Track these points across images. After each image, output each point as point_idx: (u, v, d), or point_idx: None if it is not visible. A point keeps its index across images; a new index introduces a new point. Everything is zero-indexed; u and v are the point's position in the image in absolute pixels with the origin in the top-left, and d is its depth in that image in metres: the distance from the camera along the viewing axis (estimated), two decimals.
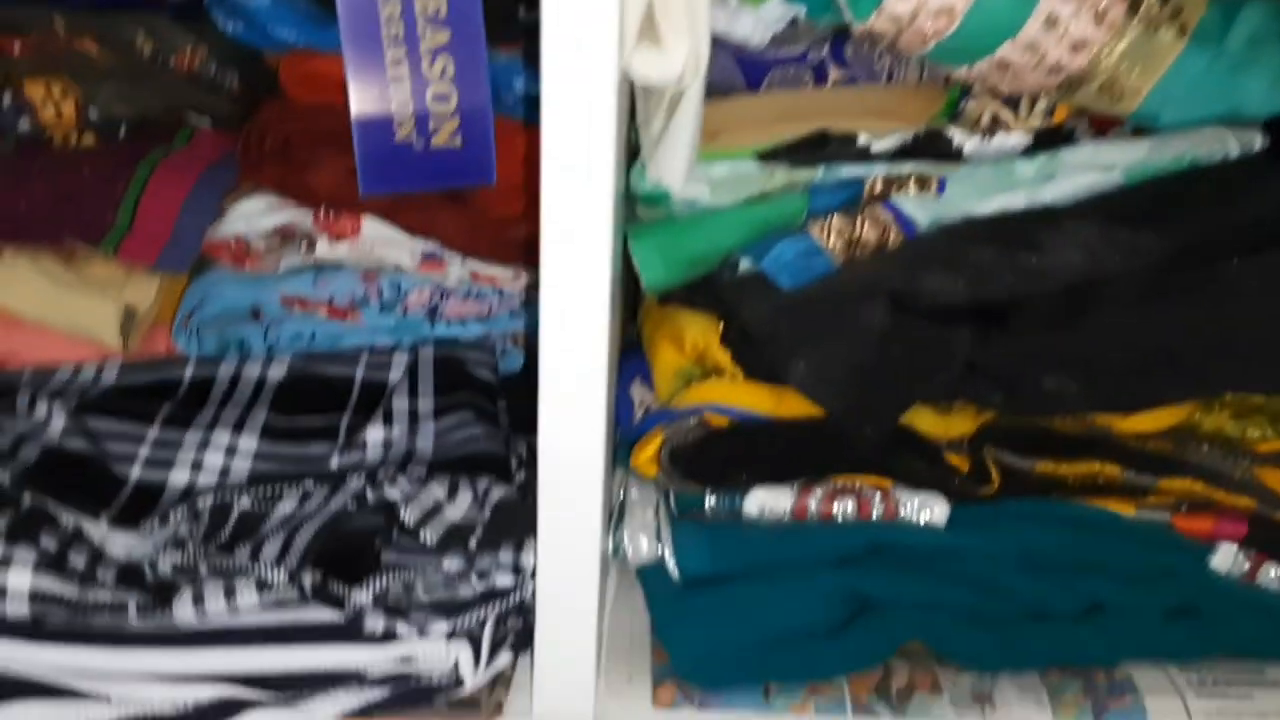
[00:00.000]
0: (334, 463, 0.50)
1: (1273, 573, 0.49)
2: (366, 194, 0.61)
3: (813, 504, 0.51)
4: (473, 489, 0.47)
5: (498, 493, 0.46)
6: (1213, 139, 0.48)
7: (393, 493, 0.45)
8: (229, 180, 0.64)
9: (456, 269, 0.64)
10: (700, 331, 0.53)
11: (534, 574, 0.41)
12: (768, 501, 0.52)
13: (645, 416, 0.55)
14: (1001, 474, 0.52)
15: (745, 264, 0.50)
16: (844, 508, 0.51)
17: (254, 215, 0.64)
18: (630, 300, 0.61)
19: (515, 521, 0.45)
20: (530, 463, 0.49)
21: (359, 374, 0.58)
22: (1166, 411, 0.51)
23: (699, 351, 0.53)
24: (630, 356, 0.58)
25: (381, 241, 0.64)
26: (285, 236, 0.66)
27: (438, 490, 0.47)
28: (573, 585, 0.41)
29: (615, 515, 0.55)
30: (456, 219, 0.64)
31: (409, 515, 0.44)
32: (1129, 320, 0.47)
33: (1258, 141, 0.49)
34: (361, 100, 0.59)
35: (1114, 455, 0.51)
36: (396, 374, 0.57)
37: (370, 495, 0.46)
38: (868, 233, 0.49)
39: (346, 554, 0.43)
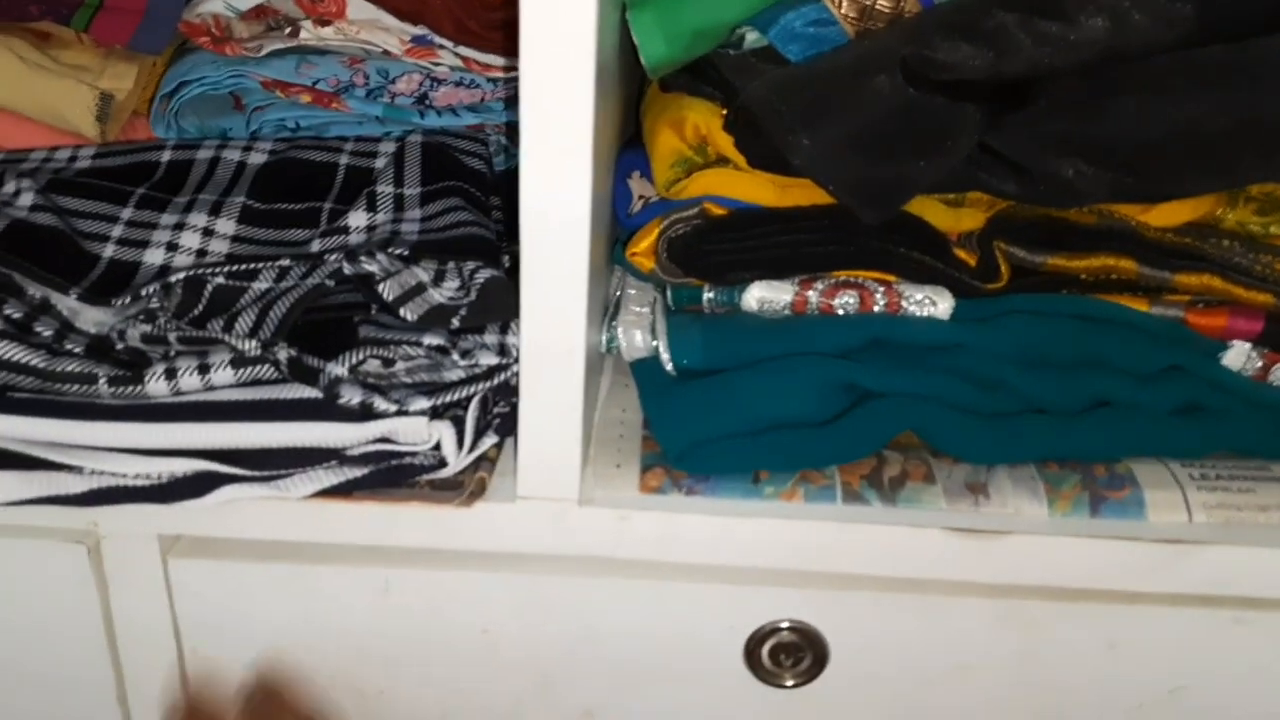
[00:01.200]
0: (314, 246, 0.48)
1: None
2: None
3: (813, 297, 0.49)
4: (460, 273, 0.45)
5: (484, 275, 0.44)
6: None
7: (370, 266, 0.43)
8: None
9: (448, 56, 0.61)
10: (702, 117, 0.50)
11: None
12: (767, 296, 0.50)
13: (644, 207, 0.53)
14: (1011, 268, 0.49)
15: (752, 37, 0.47)
16: (846, 301, 0.49)
17: None
18: (636, 96, 0.58)
19: (502, 302, 0.43)
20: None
21: (343, 160, 0.55)
22: (1189, 204, 0.48)
23: (700, 137, 0.50)
24: (630, 149, 0.55)
25: (368, 25, 0.60)
26: (268, 19, 0.63)
27: (422, 273, 0.45)
28: (557, 367, 0.40)
29: (610, 309, 0.53)
30: (446, 2, 0.60)
31: (388, 291, 0.42)
32: (1157, 102, 0.43)
33: None
34: None
35: (1130, 248, 0.48)
36: (383, 161, 0.55)
37: (348, 268, 0.44)
38: (882, 1, 0.46)
39: (323, 329, 0.42)
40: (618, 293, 0.54)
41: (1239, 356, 0.48)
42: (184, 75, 0.58)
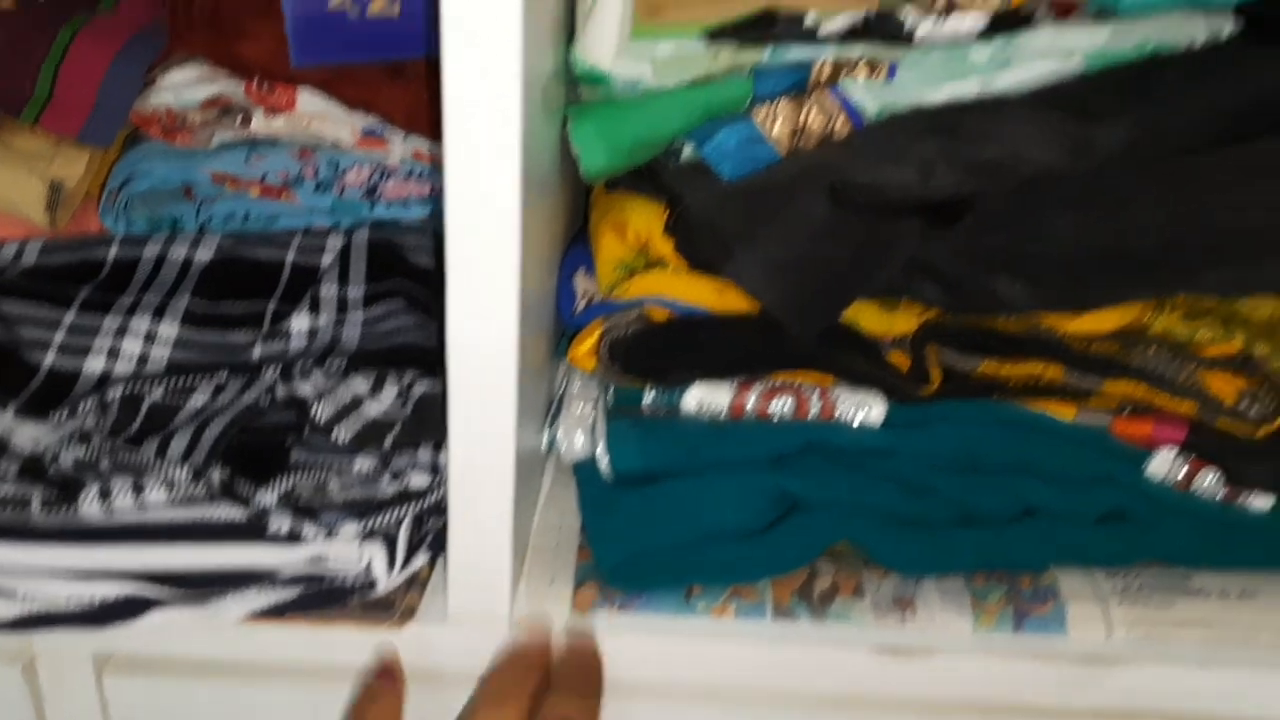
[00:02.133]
0: (256, 351, 0.49)
1: (1208, 479, 0.48)
2: (298, 65, 0.58)
3: (750, 401, 0.50)
4: (398, 383, 0.46)
5: (421, 387, 0.45)
6: (1179, 24, 0.45)
7: (304, 388, 0.44)
8: (157, 48, 0.61)
9: (398, 146, 0.61)
10: (644, 220, 0.51)
11: None
12: (706, 397, 0.50)
13: (587, 307, 0.53)
14: (943, 373, 0.50)
15: (689, 150, 0.48)
16: (782, 405, 0.50)
17: (184, 86, 0.60)
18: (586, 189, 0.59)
19: (438, 418, 0.43)
20: None
21: (290, 257, 0.55)
22: (1116, 311, 0.49)
23: (642, 241, 0.51)
24: (577, 245, 0.56)
25: (319, 116, 0.61)
26: (219, 109, 0.63)
27: (359, 384, 0.45)
28: (485, 485, 0.40)
29: (554, 406, 0.54)
30: (398, 93, 0.61)
31: (321, 412, 0.43)
32: (1082, 219, 0.45)
33: (1227, 27, 0.46)
34: None
35: (1058, 356, 0.49)
36: (329, 258, 0.55)
37: (281, 390, 0.44)
38: (814, 120, 0.47)
39: (256, 451, 0.42)
40: (562, 388, 0.55)
41: (1164, 464, 0.49)
42: (133, 168, 0.58)
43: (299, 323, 0.50)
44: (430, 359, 0.47)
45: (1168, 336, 0.50)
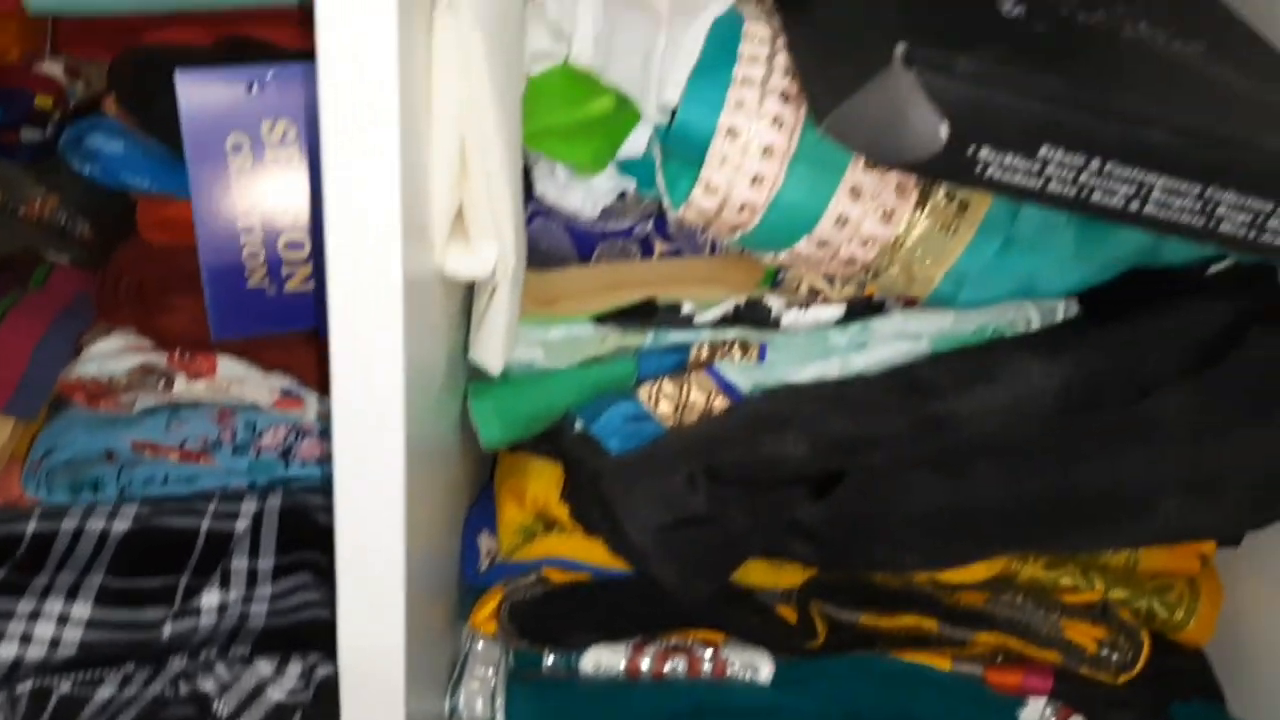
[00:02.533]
0: (166, 630, 0.50)
1: None
2: (218, 339, 0.61)
3: (645, 664, 0.52)
4: (301, 663, 0.48)
5: (325, 670, 0.47)
6: (1014, 311, 0.50)
7: (207, 684, 0.46)
8: (85, 321, 0.64)
9: (314, 406, 0.64)
10: (541, 486, 0.54)
11: None
12: (603, 660, 0.53)
13: (490, 567, 0.56)
14: (828, 626, 0.53)
15: (579, 425, 0.51)
16: (675, 667, 0.52)
17: (109, 356, 0.63)
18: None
19: (337, 702, 0.45)
20: None
21: (204, 525, 0.58)
22: (984, 564, 0.53)
23: (539, 507, 0.54)
24: (480, 504, 0.58)
25: (238, 380, 0.64)
26: (143, 373, 0.66)
27: (264, 668, 0.47)
28: None
29: (457, 670, 0.55)
30: (314, 355, 0.64)
31: (223, 707, 0.44)
32: (943, 488, 0.48)
33: (1060, 312, 0.51)
34: (211, 250, 0.59)
35: (930, 610, 0.52)
36: (243, 525, 0.57)
37: (184, 687, 0.46)
38: (694, 397, 0.51)
39: None
40: (466, 650, 0.56)
41: (1035, 713, 0.51)
42: (55, 439, 0.61)
43: (209, 599, 0.52)
44: (335, 635, 0.49)
45: (1033, 584, 0.54)
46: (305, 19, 0.58)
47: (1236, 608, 0.55)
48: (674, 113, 0.46)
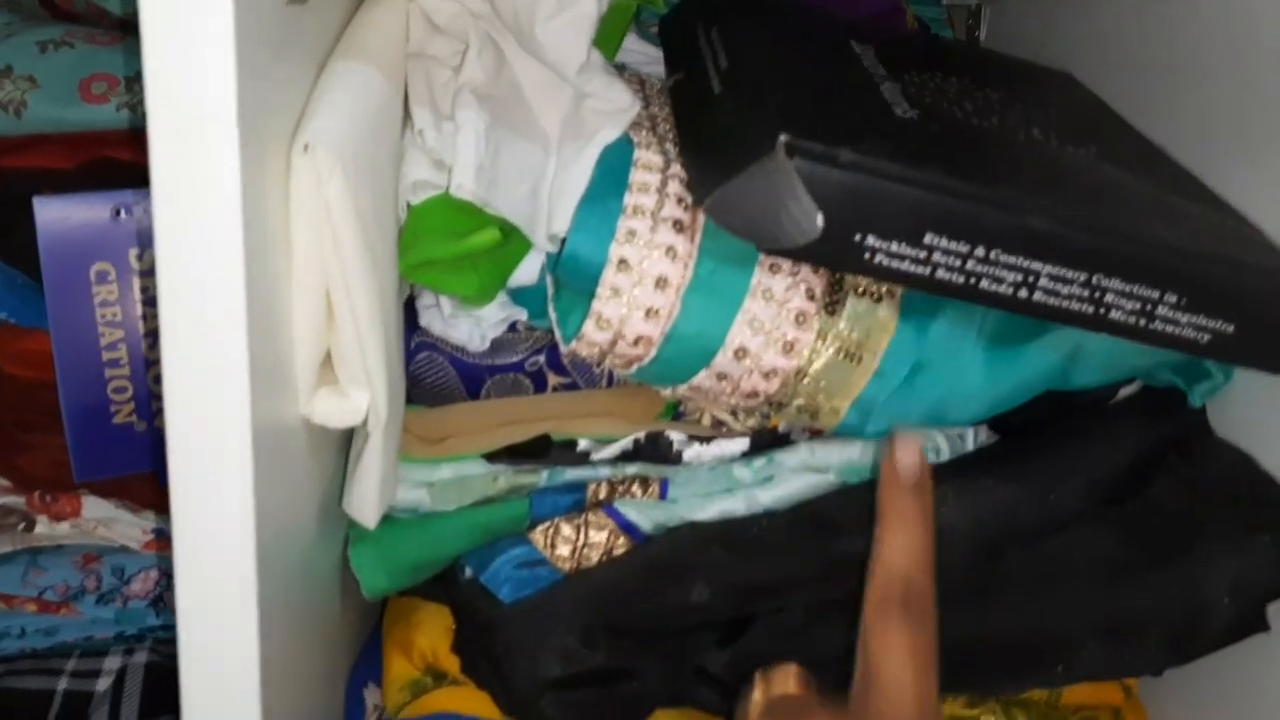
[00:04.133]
0: None
1: None
2: (81, 480, 0.57)
3: None
4: None
5: None
6: (921, 438, 0.48)
7: None
8: None
9: None
10: (430, 637, 0.50)
11: None
12: None
13: None
14: None
15: (469, 572, 0.48)
16: None
17: None
18: None
19: None
20: None
21: (61, 685, 0.52)
22: None
23: (428, 661, 0.50)
24: (368, 656, 0.54)
25: (105, 521, 0.59)
26: (2, 514, 0.61)
27: None
28: None
29: None
30: None
31: None
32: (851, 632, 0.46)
33: (969, 439, 0.49)
34: (72, 388, 0.55)
35: None
36: (104, 684, 0.52)
37: None
38: (594, 538, 0.47)
39: None
40: None
41: None
42: None
43: None
44: None
45: None
46: None
47: None
48: (564, 242, 0.43)
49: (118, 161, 0.55)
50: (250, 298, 0.31)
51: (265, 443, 0.34)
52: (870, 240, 0.37)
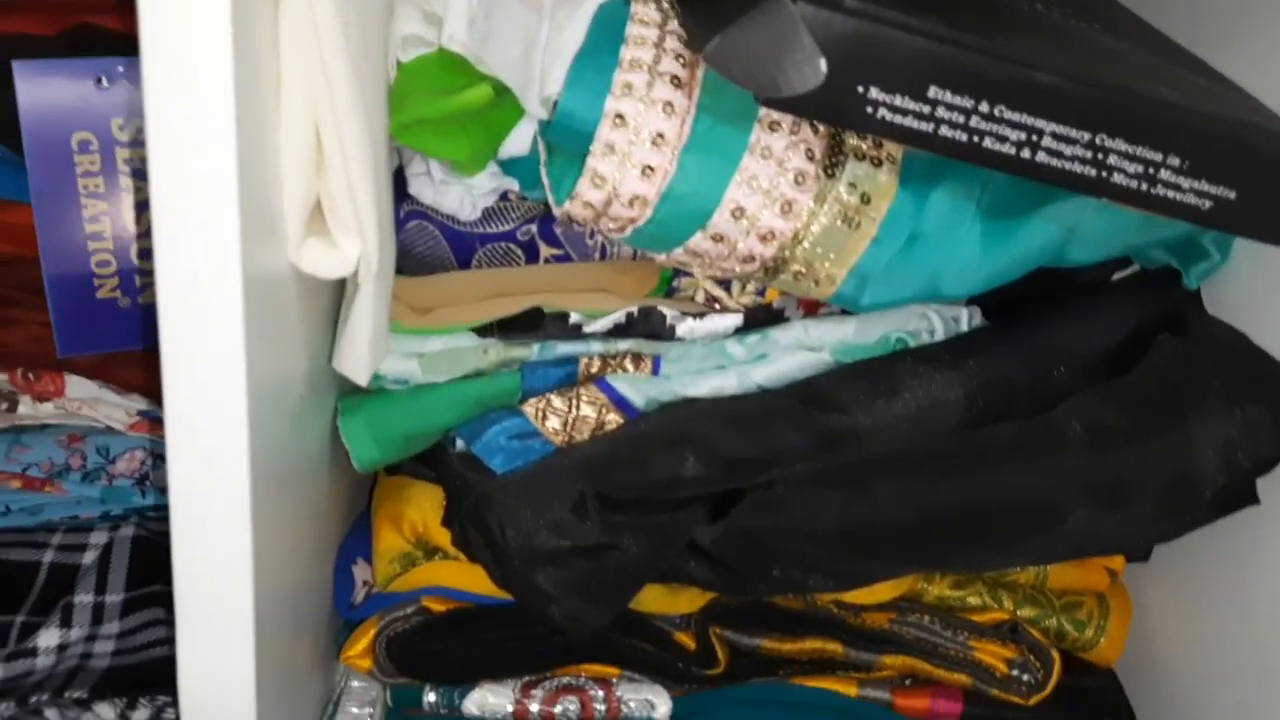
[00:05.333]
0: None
1: None
2: (64, 355, 0.56)
3: (534, 706, 0.48)
4: (149, 707, 0.43)
5: (172, 713, 0.42)
6: (917, 317, 0.48)
7: None
8: None
9: None
10: (421, 510, 0.50)
11: None
12: (488, 700, 0.48)
13: (364, 600, 0.51)
14: (729, 652, 0.50)
15: (460, 444, 0.47)
16: (566, 709, 0.48)
17: None
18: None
19: None
20: None
21: (48, 558, 0.52)
22: (890, 584, 0.50)
23: (419, 533, 0.50)
24: (357, 532, 0.54)
25: (90, 401, 0.58)
26: None
27: (106, 711, 0.42)
28: None
29: (329, 709, 0.50)
30: None
31: None
32: (839, 505, 0.45)
33: (964, 319, 0.49)
34: (54, 258, 0.53)
35: (835, 633, 0.49)
36: (90, 557, 0.52)
37: None
38: (584, 412, 0.47)
39: None
40: (340, 686, 0.52)
41: None
42: None
43: (47, 638, 0.46)
44: None
45: (940, 604, 0.51)
46: None
47: (1146, 624, 0.53)
48: (557, 102, 0.42)
49: (100, 29, 0.53)
50: (242, 140, 0.30)
51: (257, 295, 0.34)
52: (873, 93, 0.36)
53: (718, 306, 0.48)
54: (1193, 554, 0.52)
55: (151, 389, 0.58)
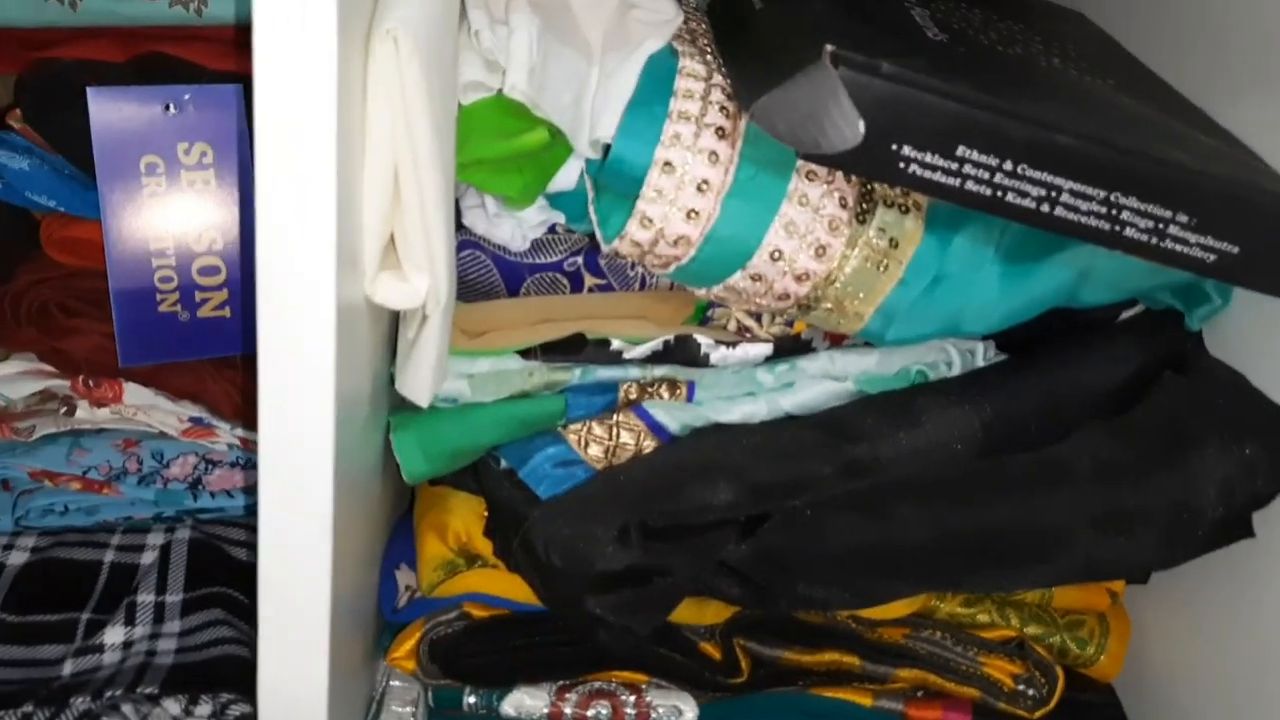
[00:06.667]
0: (67, 668, 0.47)
1: None
2: (125, 365, 0.58)
3: (568, 709, 0.51)
4: (212, 702, 0.45)
5: (237, 710, 0.44)
6: (936, 350, 0.51)
7: None
8: None
9: (225, 436, 0.62)
10: (464, 520, 0.52)
11: None
12: (525, 703, 0.51)
13: (409, 603, 0.54)
14: (751, 663, 0.53)
15: (505, 464, 0.50)
16: (599, 712, 0.51)
17: (7, 381, 0.60)
18: None
19: None
20: None
21: (108, 558, 0.55)
22: (904, 601, 0.53)
23: (462, 543, 0.52)
24: (399, 538, 0.56)
25: (145, 408, 0.61)
26: (44, 399, 0.63)
27: (172, 707, 0.44)
28: None
29: (373, 708, 0.53)
30: (226, 384, 0.61)
31: None
32: (861, 529, 0.48)
33: (979, 353, 0.52)
34: (120, 273, 0.56)
35: (852, 647, 0.52)
36: (149, 557, 0.55)
37: None
38: (624, 438, 0.49)
39: None
40: (382, 686, 0.54)
41: None
42: None
43: (113, 635, 0.49)
44: (247, 678, 0.47)
45: (951, 620, 0.54)
46: (222, 39, 0.56)
47: (1144, 644, 0.56)
48: (608, 147, 0.45)
49: (168, 57, 0.56)
50: (338, 182, 0.33)
51: (343, 324, 0.37)
52: (906, 150, 0.39)
53: (749, 336, 0.51)
54: (1189, 578, 0.54)
55: (204, 397, 0.61)
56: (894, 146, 0.39)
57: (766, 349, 0.50)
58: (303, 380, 0.36)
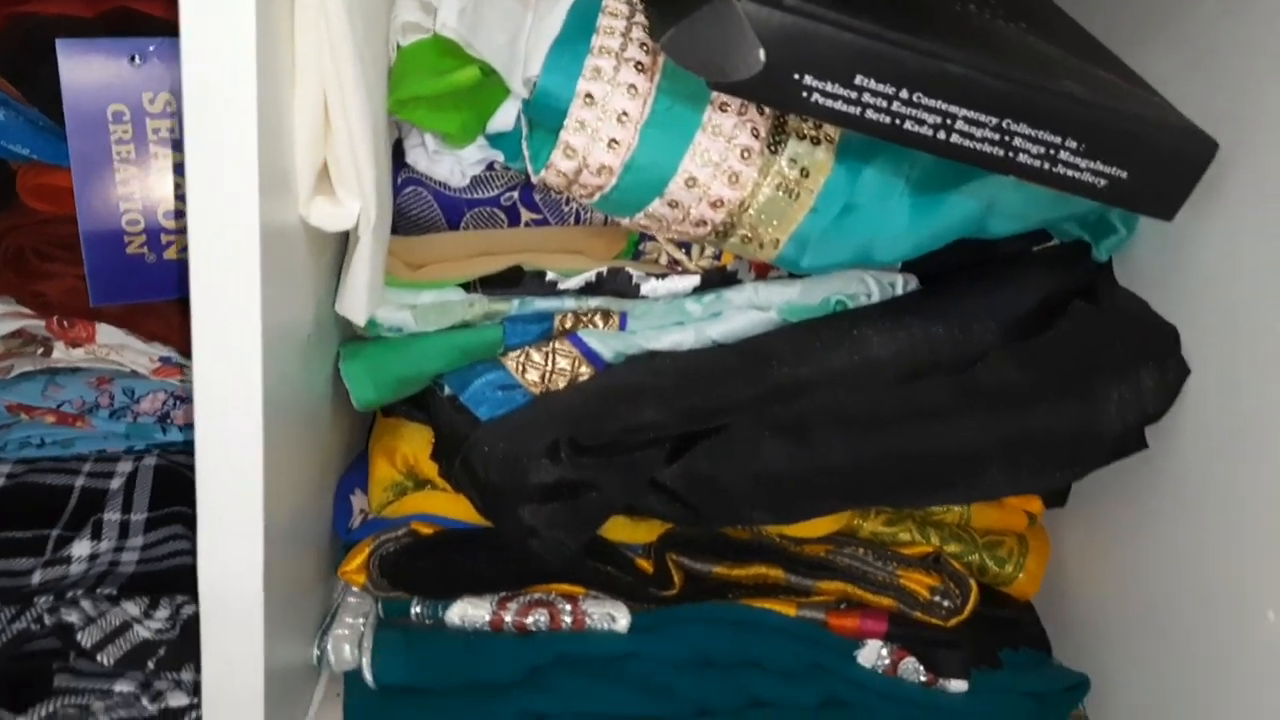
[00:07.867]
0: (36, 577, 0.50)
1: (911, 665, 0.54)
2: (96, 305, 0.61)
3: (508, 617, 0.53)
4: (170, 605, 0.48)
5: (190, 610, 0.47)
6: (856, 281, 0.53)
7: (70, 616, 0.46)
8: None
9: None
10: (413, 445, 0.55)
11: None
12: (468, 612, 0.54)
13: (361, 524, 0.57)
14: (683, 577, 0.55)
15: (448, 390, 0.53)
16: (537, 620, 0.53)
17: None
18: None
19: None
20: None
21: (79, 483, 0.57)
22: (828, 519, 0.55)
23: (409, 465, 0.55)
24: (356, 466, 0.59)
25: (117, 347, 0.64)
26: (21, 339, 0.65)
27: (131, 608, 0.47)
28: (236, 703, 0.42)
29: (327, 619, 0.56)
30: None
31: (86, 639, 0.45)
32: (787, 449, 0.50)
33: (899, 284, 0.54)
34: (90, 216, 0.59)
35: (778, 561, 0.55)
36: (117, 483, 0.57)
37: (48, 620, 0.46)
38: (560, 365, 0.52)
39: (22, 677, 0.44)
40: (338, 601, 0.57)
41: (871, 654, 0.54)
42: None
43: (80, 548, 0.52)
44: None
45: (873, 538, 0.56)
46: None
47: (1062, 564, 0.59)
48: (536, 83, 0.47)
49: (135, 12, 0.58)
50: (262, 108, 0.36)
51: (272, 245, 0.39)
52: (808, 79, 0.41)
53: (678, 268, 0.53)
54: (1100, 499, 0.57)
55: (172, 338, 0.64)
56: (795, 76, 0.41)
57: (694, 280, 0.52)
58: (231, 297, 0.38)
